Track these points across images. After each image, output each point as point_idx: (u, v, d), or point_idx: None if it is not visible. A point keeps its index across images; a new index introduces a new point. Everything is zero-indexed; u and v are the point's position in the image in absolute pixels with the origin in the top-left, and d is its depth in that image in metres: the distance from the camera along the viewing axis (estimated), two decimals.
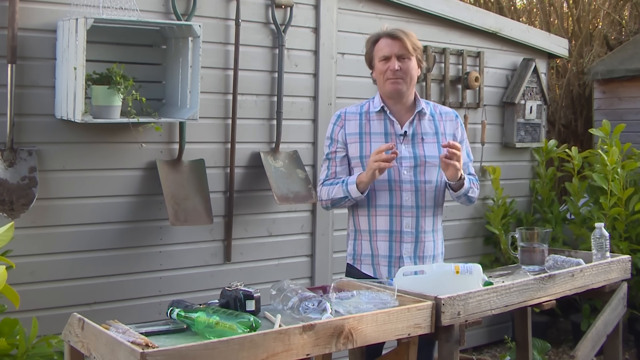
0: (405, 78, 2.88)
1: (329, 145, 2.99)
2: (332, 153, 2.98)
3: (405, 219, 2.88)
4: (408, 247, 2.88)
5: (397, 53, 2.86)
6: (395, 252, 2.88)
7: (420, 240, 2.90)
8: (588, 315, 4.86)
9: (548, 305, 2.83)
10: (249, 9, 3.86)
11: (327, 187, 2.94)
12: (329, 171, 2.98)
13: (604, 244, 3.14)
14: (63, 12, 3.26)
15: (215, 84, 3.76)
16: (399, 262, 2.88)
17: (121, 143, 3.49)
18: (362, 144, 2.92)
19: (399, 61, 2.86)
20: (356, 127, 2.95)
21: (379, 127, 2.93)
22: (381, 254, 2.90)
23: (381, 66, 2.89)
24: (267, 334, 2.02)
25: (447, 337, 2.42)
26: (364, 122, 2.94)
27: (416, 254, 2.89)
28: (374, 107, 2.96)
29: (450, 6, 4.68)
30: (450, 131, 2.99)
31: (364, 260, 2.95)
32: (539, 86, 5.18)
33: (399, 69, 2.85)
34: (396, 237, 2.88)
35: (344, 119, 2.98)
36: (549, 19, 8.09)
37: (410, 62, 2.88)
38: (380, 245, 2.90)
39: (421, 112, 2.95)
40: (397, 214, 2.88)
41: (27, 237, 3.24)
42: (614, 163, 4.69)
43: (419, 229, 2.89)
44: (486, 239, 5.02)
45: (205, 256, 3.77)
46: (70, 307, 3.29)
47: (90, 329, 2.05)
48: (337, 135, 2.96)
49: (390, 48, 2.87)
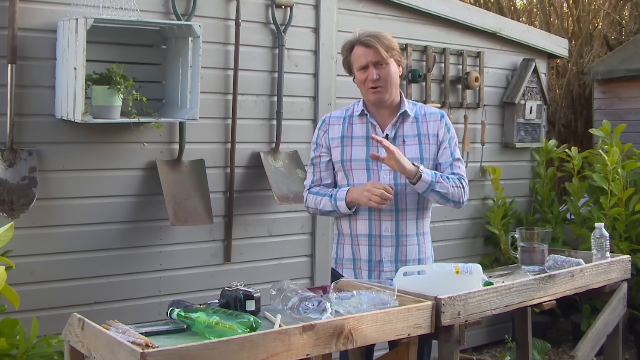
0: (386, 85, 2.83)
1: (314, 150, 2.98)
2: (316, 158, 2.96)
3: (384, 223, 2.85)
4: (388, 251, 2.86)
5: (373, 60, 2.80)
6: (375, 256, 2.86)
7: (401, 244, 2.86)
8: (588, 315, 4.86)
9: (548, 305, 2.83)
10: (249, 9, 3.86)
11: (313, 196, 2.93)
12: (314, 177, 2.96)
13: (604, 244, 3.13)
14: (63, 12, 3.26)
15: (215, 84, 3.76)
16: (379, 266, 2.86)
17: (121, 143, 3.49)
18: (343, 148, 2.89)
19: (376, 69, 2.81)
20: (339, 131, 2.92)
21: (360, 131, 2.90)
22: (362, 257, 2.88)
23: (360, 75, 2.85)
24: (267, 334, 2.02)
25: (447, 337, 2.42)
26: (347, 126, 2.92)
27: (397, 258, 2.86)
28: (357, 111, 2.93)
29: (450, 6, 4.68)
30: (433, 131, 2.92)
31: (345, 264, 2.93)
32: (539, 86, 5.18)
33: (378, 78, 2.81)
34: (376, 241, 2.86)
35: (328, 123, 2.96)
36: (549, 19, 8.09)
37: (388, 67, 2.83)
38: (362, 249, 2.88)
39: (404, 114, 2.90)
40: (376, 217, 2.85)
41: (27, 237, 3.24)
42: (615, 163, 4.69)
43: (399, 233, 2.86)
44: (486, 239, 5.02)
45: (205, 256, 3.77)
46: (70, 307, 3.29)
47: (90, 329, 2.05)
48: (322, 139, 2.95)
49: (365, 57, 2.81)
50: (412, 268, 2.66)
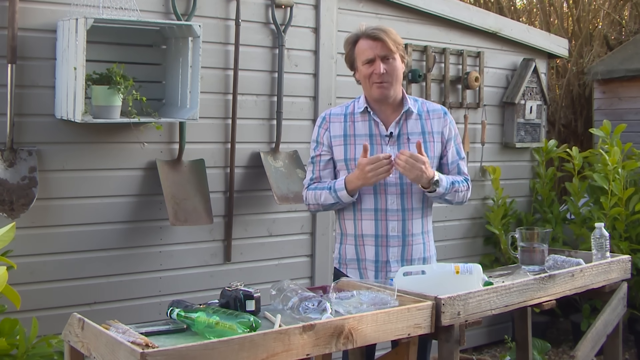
0: (392, 80, 2.79)
1: (314, 148, 2.92)
2: (317, 156, 2.91)
3: (391, 223, 2.82)
4: (395, 251, 2.83)
5: (381, 54, 2.75)
6: (382, 257, 2.83)
7: (408, 243, 2.84)
8: (588, 315, 4.86)
9: (548, 305, 2.83)
10: (249, 9, 3.86)
11: (312, 192, 2.88)
12: (313, 175, 2.91)
13: (604, 244, 3.13)
14: (63, 12, 3.26)
15: (215, 84, 3.76)
16: (386, 266, 2.83)
17: (121, 143, 3.49)
18: (346, 147, 2.85)
19: (383, 63, 2.75)
20: (341, 129, 2.87)
21: (363, 129, 2.86)
22: (368, 258, 2.84)
23: (365, 70, 2.79)
24: (267, 334, 2.01)
25: (447, 337, 2.42)
26: (349, 123, 2.87)
27: (404, 258, 2.84)
28: (358, 108, 2.87)
29: (450, 6, 4.68)
30: (438, 129, 2.89)
31: (349, 264, 2.89)
32: (539, 86, 5.18)
33: (385, 72, 2.76)
34: (382, 241, 2.83)
35: (329, 120, 2.90)
36: (549, 19, 8.09)
37: (395, 62, 2.78)
38: (367, 249, 2.84)
39: (408, 111, 2.86)
40: (382, 217, 2.82)
41: (27, 237, 3.24)
42: (615, 163, 4.69)
43: (406, 232, 2.83)
44: (486, 239, 5.02)
45: (205, 256, 3.77)
46: (70, 307, 3.30)
47: (90, 329, 2.05)
48: (322, 138, 2.89)
49: (373, 50, 2.75)
50: (412, 268, 2.66)
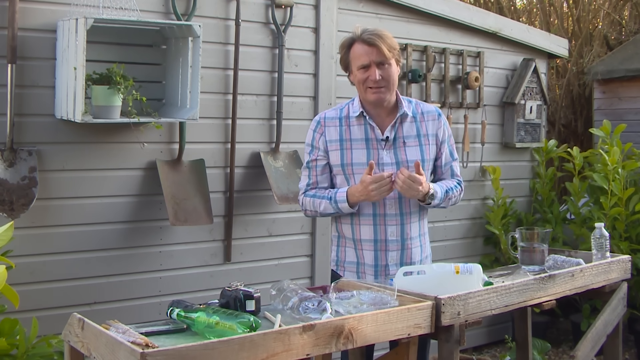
0: (388, 86, 2.76)
1: (309, 152, 2.89)
2: (312, 161, 2.88)
3: (389, 228, 2.81)
4: (394, 255, 2.82)
5: (376, 60, 2.72)
6: (381, 261, 2.83)
7: (407, 247, 2.84)
8: (588, 315, 4.86)
9: (548, 305, 2.83)
10: (249, 9, 3.86)
11: (310, 199, 2.86)
12: (310, 180, 2.88)
13: (604, 244, 3.13)
14: (63, 12, 3.26)
15: (215, 84, 3.76)
16: (385, 270, 2.83)
17: (121, 143, 3.49)
18: (343, 151, 2.83)
19: (378, 69, 2.72)
20: (336, 134, 2.84)
21: (359, 133, 2.83)
22: (367, 262, 2.84)
23: (360, 75, 2.75)
24: (267, 334, 2.02)
25: (447, 337, 2.42)
26: (344, 127, 2.84)
27: (402, 261, 2.83)
28: (354, 112, 2.84)
29: (450, 6, 4.68)
30: (433, 131, 2.88)
31: (347, 267, 2.89)
32: (539, 86, 5.18)
33: (381, 78, 2.73)
34: (381, 246, 2.82)
35: (324, 125, 2.86)
36: (549, 19, 8.09)
37: (390, 68, 2.75)
38: (366, 254, 2.84)
39: (403, 114, 2.84)
40: (381, 222, 2.81)
41: (27, 237, 3.24)
42: (615, 163, 4.69)
43: (405, 236, 2.83)
44: (486, 239, 5.02)
45: (205, 256, 3.77)
46: (70, 307, 3.29)
47: (90, 329, 2.05)
48: (318, 142, 2.86)
49: (368, 56, 2.72)
50: (412, 268, 2.66)
